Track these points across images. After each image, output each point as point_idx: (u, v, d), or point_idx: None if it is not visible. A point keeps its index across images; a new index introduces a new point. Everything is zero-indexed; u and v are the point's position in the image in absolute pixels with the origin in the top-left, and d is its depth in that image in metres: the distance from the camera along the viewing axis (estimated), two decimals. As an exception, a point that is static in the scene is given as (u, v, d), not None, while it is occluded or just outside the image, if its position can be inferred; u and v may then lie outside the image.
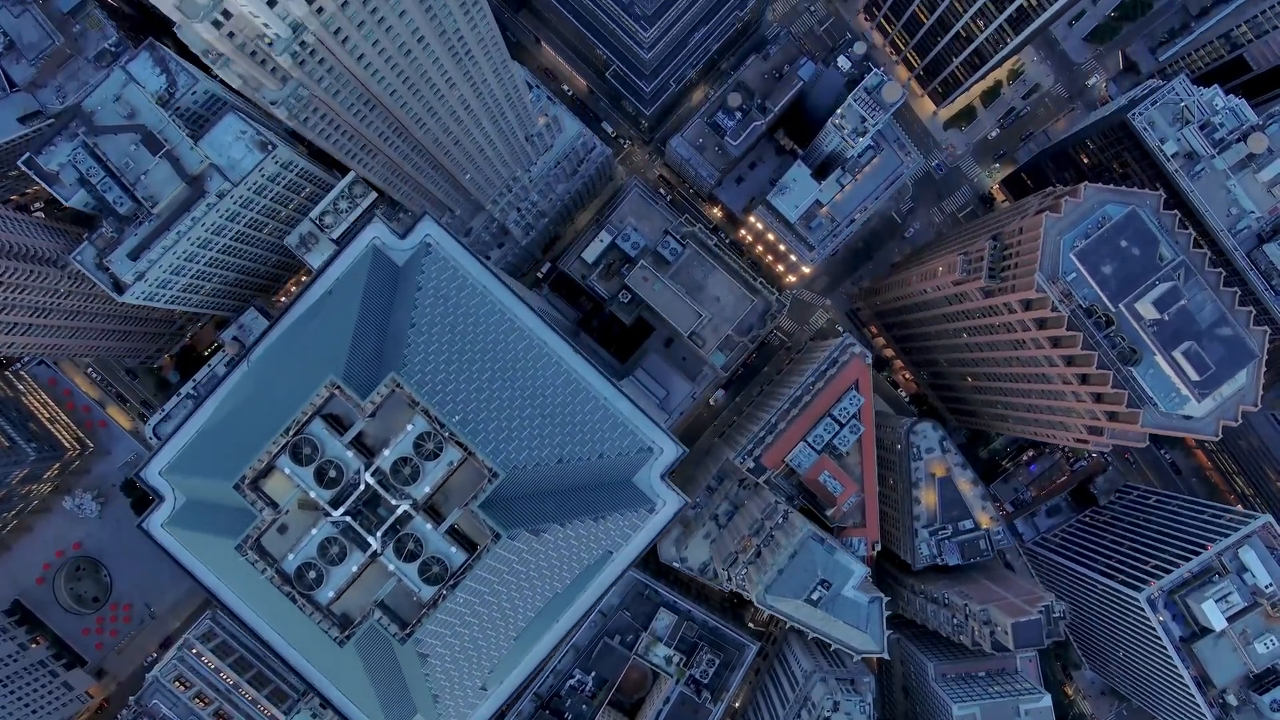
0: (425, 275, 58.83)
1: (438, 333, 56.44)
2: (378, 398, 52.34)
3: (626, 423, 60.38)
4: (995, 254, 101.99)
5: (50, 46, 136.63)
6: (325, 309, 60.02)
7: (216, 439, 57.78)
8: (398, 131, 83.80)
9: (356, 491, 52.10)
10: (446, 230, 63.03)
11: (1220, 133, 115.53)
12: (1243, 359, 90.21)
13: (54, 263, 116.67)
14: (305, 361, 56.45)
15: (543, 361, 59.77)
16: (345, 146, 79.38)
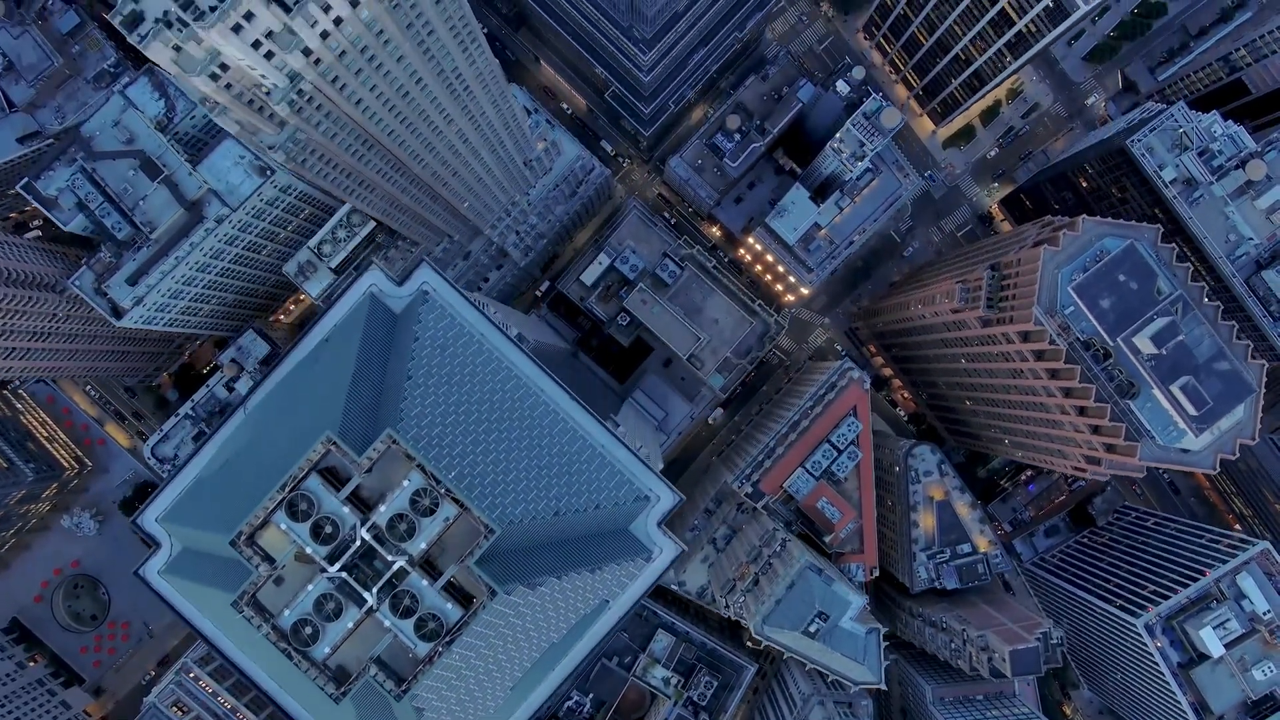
0: (422, 325, 58.85)
1: (434, 384, 56.46)
2: (374, 453, 52.34)
3: (623, 471, 60.37)
4: (993, 284, 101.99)
5: (49, 68, 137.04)
6: (322, 358, 60.02)
7: (213, 489, 57.79)
8: (396, 167, 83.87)
9: (353, 548, 52.11)
10: (444, 277, 63.05)
11: (1219, 159, 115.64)
12: (1241, 393, 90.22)
13: (52, 288, 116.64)
14: (302, 413, 56.48)
15: (540, 410, 59.79)
16: (343, 184, 79.36)
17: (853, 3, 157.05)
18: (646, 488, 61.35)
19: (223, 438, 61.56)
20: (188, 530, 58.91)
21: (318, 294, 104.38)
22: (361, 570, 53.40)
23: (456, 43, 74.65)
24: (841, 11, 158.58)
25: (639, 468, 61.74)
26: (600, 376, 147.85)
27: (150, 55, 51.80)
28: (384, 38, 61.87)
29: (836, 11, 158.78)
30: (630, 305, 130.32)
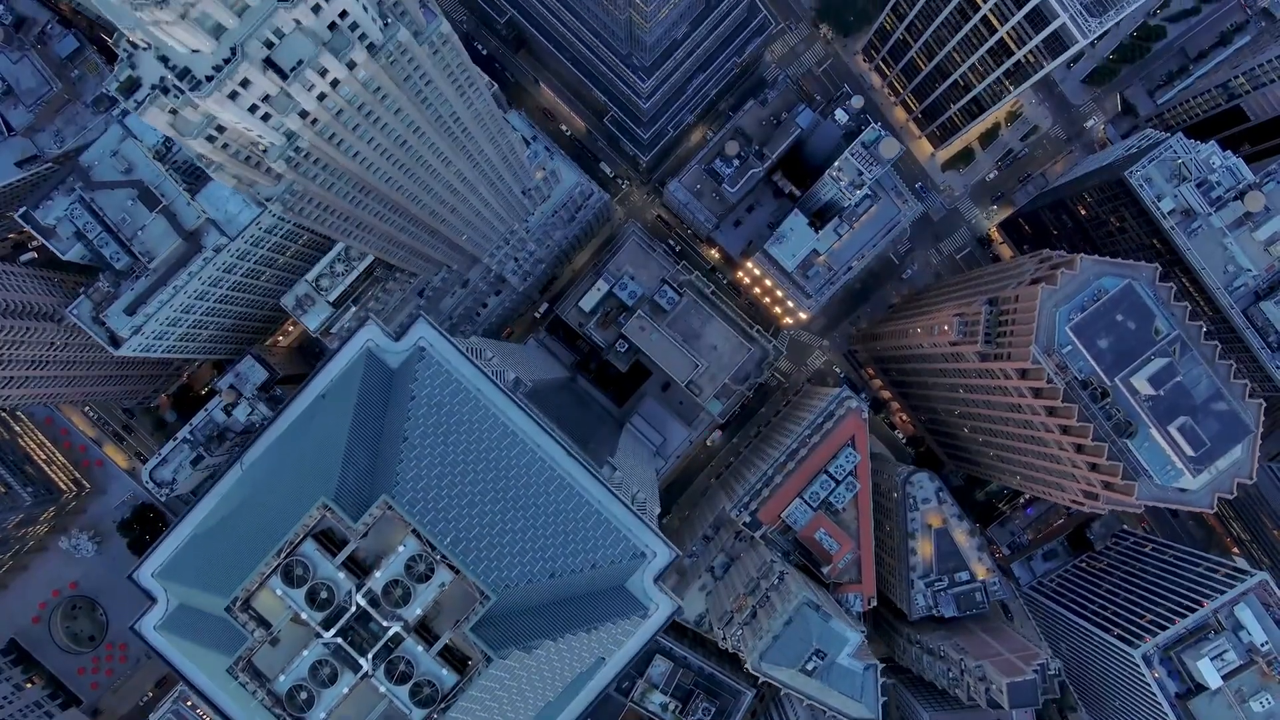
0: (418, 383, 58.84)
1: (430, 445, 56.43)
2: (370, 519, 52.35)
3: (620, 528, 60.33)
4: (991, 319, 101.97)
5: (48, 93, 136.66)
6: (318, 415, 60.00)
7: (209, 547, 57.76)
8: (393, 208, 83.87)
9: (348, 613, 52.11)
10: (440, 332, 63.01)
11: (1217, 191, 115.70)
12: (1238, 434, 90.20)
13: (50, 317, 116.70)
14: (298, 472, 56.46)
15: (536, 468, 59.77)
16: (339, 227, 79.38)
17: (852, 26, 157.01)
18: (643, 544, 61.31)
19: (220, 493, 61.49)
20: (184, 588, 58.89)
21: (316, 327, 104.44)
22: (357, 633, 53.38)
23: (454, 89, 74.73)
24: (841, 34, 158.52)
25: (636, 524, 61.70)
26: (599, 400, 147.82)
27: (147, 120, 51.76)
28: (381, 94, 61.91)
29: (836, 34, 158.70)
30: (629, 332, 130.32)
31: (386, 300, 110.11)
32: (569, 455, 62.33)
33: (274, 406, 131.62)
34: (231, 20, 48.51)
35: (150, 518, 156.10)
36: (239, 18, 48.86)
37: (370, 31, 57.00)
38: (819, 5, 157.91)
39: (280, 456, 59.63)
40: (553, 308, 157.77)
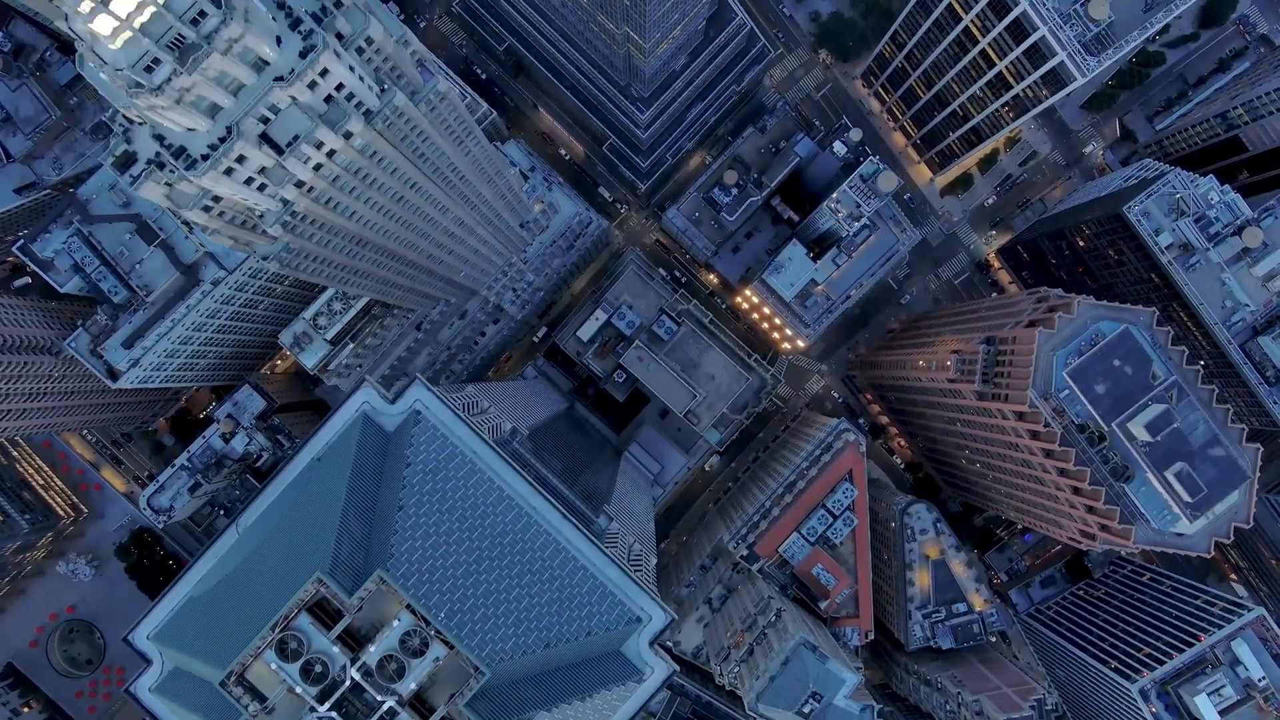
0: (414, 449, 58.84)
1: (425, 514, 56.42)
2: (365, 593, 52.32)
3: (616, 592, 60.28)
4: (989, 359, 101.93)
5: (47, 120, 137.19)
6: (314, 480, 59.96)
7: (204, 614, 57.72)
8: (390, 255, 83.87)
9: (343, 686, 52.08)
10: (436, 393, 62.99)
11: (1216, 226, 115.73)
12: (1235, 480, 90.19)
13: (48, 350, 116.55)
14: (294, 542, 56.41)
15: (532, 533, 59.76)
16: (336, 276, 79.40)
17: (851, 52, 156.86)
18: (638, 608, 61.29)
19: (216, 554, 61.50)
20: (179, 654, 58.87)
21: (313, 365, 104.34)
22: (352, 704, 53.34)
23: (452, 141, 74.73)
24: (840, 60, 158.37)
25: (631, 587, 61.68)
26: (597, 427, 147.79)
27: (142, 194, 51.74)
28: (378, 157, 61.89)
29: (835, 60, 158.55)
30: (627, 363, 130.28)
31: (384, 336, 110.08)
32: (564, 518, 62.29)
33: (272, 436, 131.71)
34: (227, 100, 48.51)
35: (148, 542, 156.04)
36: (234, 97, 48.85)
37: (367, 99, 57.01)
38: (818, 31, 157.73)
39: (276, 521, 59.59)
40: (551, 332, 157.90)
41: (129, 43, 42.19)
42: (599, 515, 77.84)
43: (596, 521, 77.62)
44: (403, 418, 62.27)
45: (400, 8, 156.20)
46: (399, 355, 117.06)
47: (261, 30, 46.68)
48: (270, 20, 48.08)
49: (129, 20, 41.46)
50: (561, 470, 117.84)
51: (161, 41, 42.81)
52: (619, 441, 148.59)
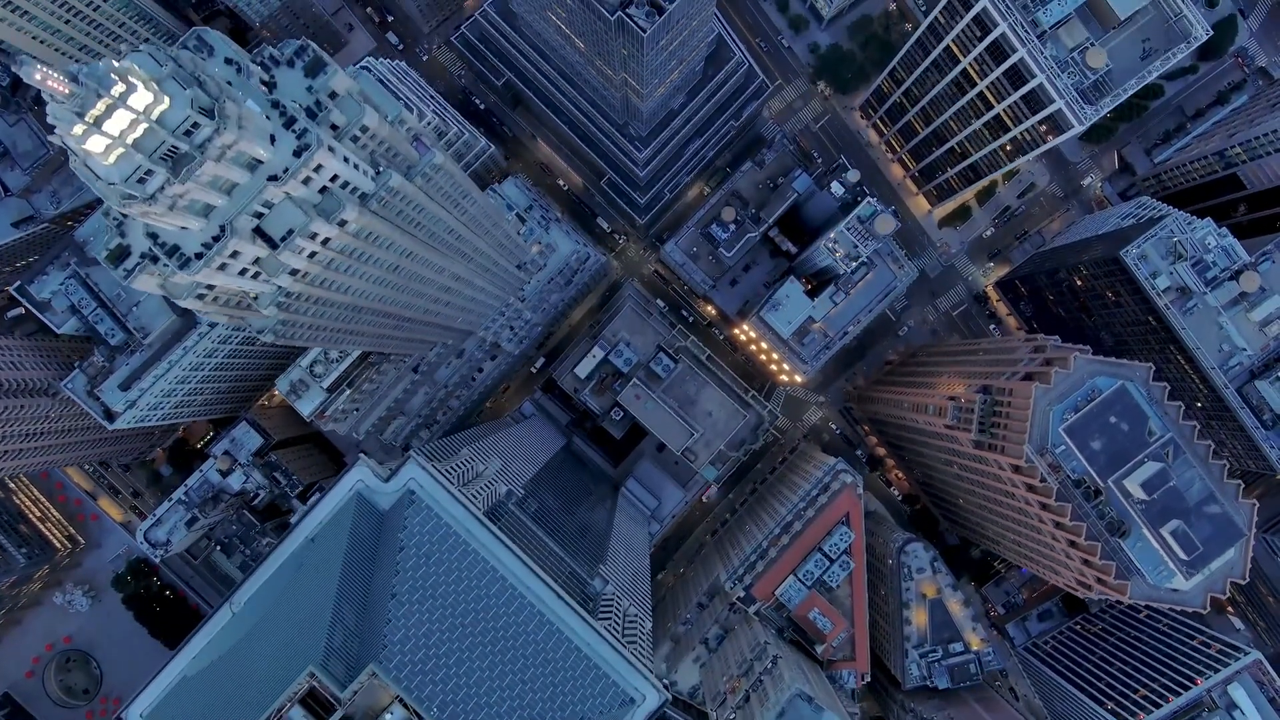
0: (408, 532, 58.78)
1: (419, 600, 56.39)
2: (358, 685, 52.26)
3: (610, 673, 60.22)
4: (985, 408, 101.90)
5: (44, 155, 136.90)
6: (308, 562, 59.92)
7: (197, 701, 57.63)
8: (385, 316, 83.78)
9: (335, 781, 52.09)
10: (429, 472, 62.92)
11: (1213, 271, 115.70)
12: (1232, 537, 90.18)
13: (45, 392, 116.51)
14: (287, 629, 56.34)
15: (525, 614, 59.71)
16: (331, 340, 79.33)
17: (849, 84, 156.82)
18: (632, 689, 61.24)
19: (210, 633, 61.40)
20: (172, 737, 58.86)
21: (309, 412, 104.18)
22: (344, 795, 53.31)
23: (448, 204, 74.68)
24: (839, 91, 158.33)
25: (625, 666, 61.64)
26: (595, 460, 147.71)
27: (136, 286, 51.68)
28: (373, 237, 61.84)
29: (834, 92, 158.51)
30: (624, 401, 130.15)
31: (380, 381, 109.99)
32: (558, 596, 62.21)
33: (268, 474, 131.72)
34: (220, 199, 48.43)
35: (145, 572, 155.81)
36: (228, 195, 48.78)
37: (362, 184, 56.95)
38: (817, 63, 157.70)
39: (270, 604, 59.52)
40: (549, 363, 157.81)
41: (122, 158, 42.13)
42: (594, 577, 77.73)
43: (591, 584, 77.53)
44: (397, 496, 62.23)
45: (399, 38, 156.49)
46: (396, 396, 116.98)
47: (255, 133, 46.62)
48: (264, 120, 48.01)
49: (121, 137, 41.44)
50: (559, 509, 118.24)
51: (154, 155, 42.74)
52: (617, 475, 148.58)
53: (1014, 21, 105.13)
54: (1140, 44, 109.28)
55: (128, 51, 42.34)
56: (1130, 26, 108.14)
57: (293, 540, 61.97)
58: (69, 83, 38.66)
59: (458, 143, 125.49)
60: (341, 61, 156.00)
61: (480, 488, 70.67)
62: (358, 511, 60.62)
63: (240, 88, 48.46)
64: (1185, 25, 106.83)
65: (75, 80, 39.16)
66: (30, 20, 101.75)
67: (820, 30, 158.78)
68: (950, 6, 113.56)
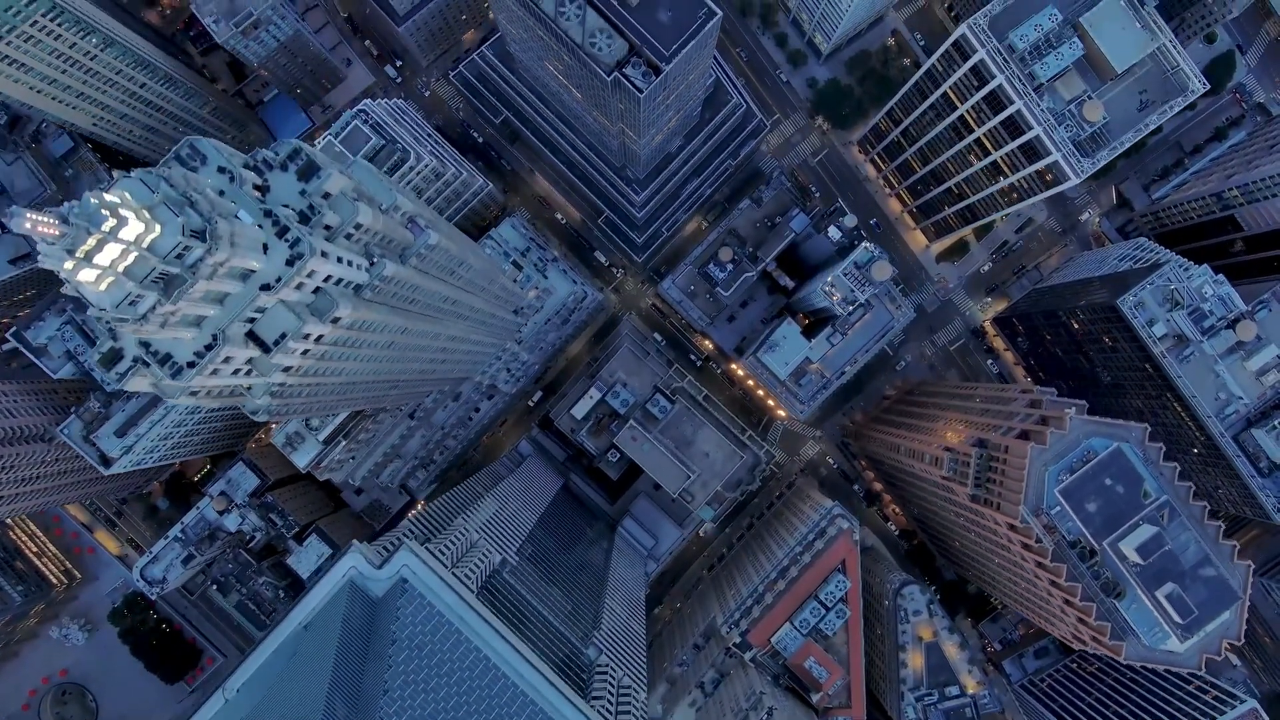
0: (400, 624, 58.76)
1: (411, 695, 56.34)
2: (349, 787, 52.24)
3: (602, 760, 60.39)
4: (981, 463, 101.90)
5: (42, 194, 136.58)
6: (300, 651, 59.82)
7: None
8: (381, 382, 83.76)
9: None
10: (422, 559, 62.88)
11: (1210, 320, 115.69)
12: (1227, 600, 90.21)
13: (41, 438, 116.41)
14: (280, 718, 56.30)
15: (517, 705, 59.66)
16: (326, 409, 79.28)
17: (847, 120, 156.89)
18: (624, 775, 61.30)
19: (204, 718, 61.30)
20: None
21: (305, 464, 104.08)
22: None
23: (444, 274, 74.66)
24: (837, 127, 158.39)
25: (617, 753, 61.67)
26: (592, 498, 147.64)
27: (130, 388, 51.64)
28: (367, 325, 61.79)
29: (831, 127, 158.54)
30: (621, 443, 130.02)
31: (376, 430, 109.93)
32: (550, 684, 62.16)
33: (264, 515, 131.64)
34: (212, 309, 48.42)
35: (142, 606, 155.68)
36: (220, 305, 48.77)
37: (355, 278, 56.93)
38: (815, 98, 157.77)
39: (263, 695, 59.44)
40: (546, 397, 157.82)
41: (113, 286, 42.11)
42: (588, 646, 77.69)
43: (585, 653, 77.50)
44: (390, 584, 62.20)
45: (398, 71, 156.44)
46: (392, 442, 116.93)
47: (248, 246, 46.62)
48: (257, 230, 47.99)
49: (112, 267, 41.42)
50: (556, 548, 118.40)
51: (145, 280, 42.72)
52: (614, 512, 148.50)
53: (1011, 74, 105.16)
54: (1138, 95, 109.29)
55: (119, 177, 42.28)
56: (1128, 78, 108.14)
57: (286, 626, 61.94)
58: (59, 224, 38.62)
59: (455, 182, 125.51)
60: (340, 96, 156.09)
61: (474, 563, 70.62)
62: (350, 599, 60.60)
63: (233, 196, 48.43)
64: (1182, 78, 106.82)
65: (65, 221, 39.16)
66: (27, 72, 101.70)
67: (818, 65, 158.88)
68: (948, 55, 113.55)
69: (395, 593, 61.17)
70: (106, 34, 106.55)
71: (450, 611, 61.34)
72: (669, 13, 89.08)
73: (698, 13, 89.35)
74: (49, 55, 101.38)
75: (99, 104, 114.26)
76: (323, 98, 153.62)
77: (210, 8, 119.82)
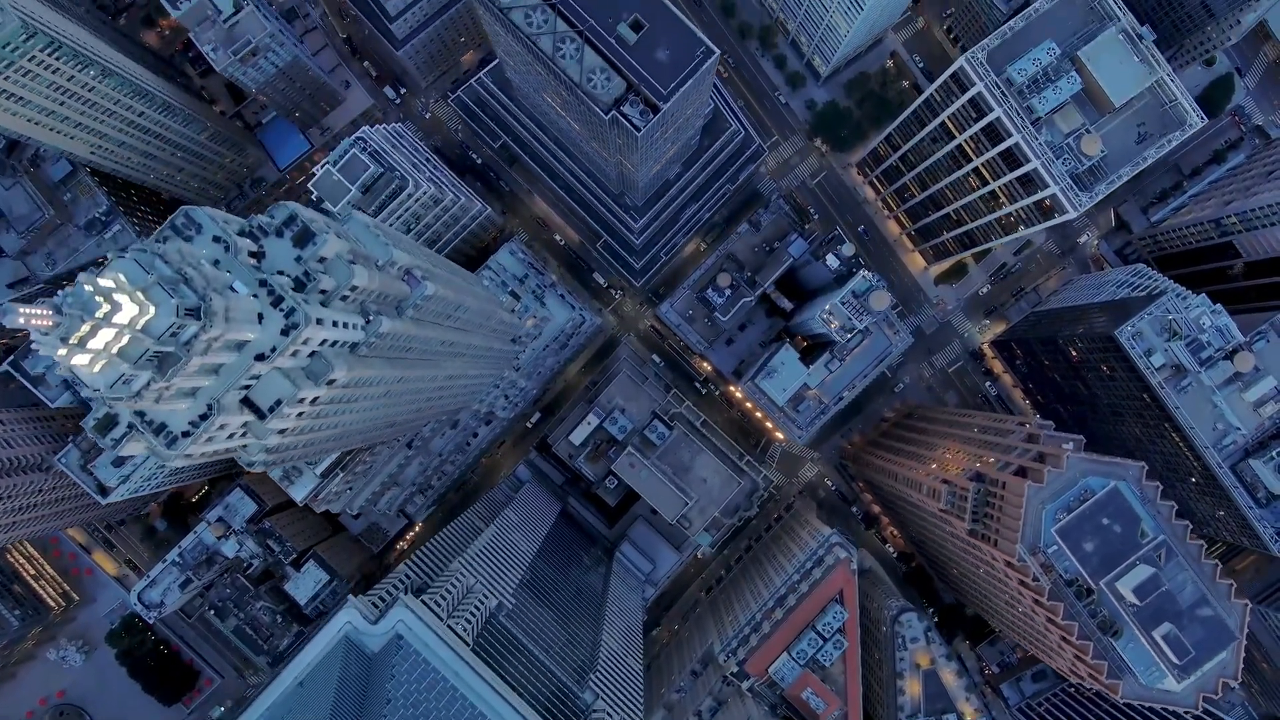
0: (395, 682, 58.74)
1: (406, 756, 56.47)
2: None
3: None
4: (979, 498, 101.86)
5: (40, 219, 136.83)
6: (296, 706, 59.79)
7: None
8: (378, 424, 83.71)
9: None
10: (416, 614, 62.85)
11: (1208, 351, 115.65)
12: (1223, 640, 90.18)
13: (39, 467, 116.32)
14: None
15: (512, 763, 59.80)
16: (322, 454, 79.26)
17: (845, 142, 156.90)
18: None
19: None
20: None
21: (302, 497, 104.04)
22: None
23: (441, 319, 74.59)
24: (835, 149, 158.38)
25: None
26: (589, 521, 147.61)
27: (125, 452, 51.59)
28: (363, 382, 61.78)
29: (830, 148, 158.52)
30: (619, 469, 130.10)
31: (374, 461, 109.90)
32: (547, 740, 62.26)
33: (262, 541, 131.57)
34: (207, 380, 48.38)
35: (140, 628, 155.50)
36: (215, 374, 48.74)
37: (351, 337, 56.90)
38: (814, 120, 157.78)
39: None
40: (545, 418, 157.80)
41: (106, 367, 42.10)
42: (584, 690, 77.69)
43: (581, 696, 77.49)
44: (386, 639, 62.14)
45: (396, 92, 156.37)
46: (390, 471, 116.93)
47: (243, 319, 46.61)
48: (251, 300, 47.98)
49: (106, 349, 41.39)
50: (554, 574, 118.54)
51: (139, 361, 42.70)
52: (612, 535, 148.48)
53: (1009, 108, 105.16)
54: (1136, 128, 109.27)
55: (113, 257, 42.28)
56: (1126, 111, 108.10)
57: (281, 683, 61.92)
58: (52, 315, 38.64)
59: (454, 207, 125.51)
60: (339, 118, 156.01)
61: (471, 610, 70.62)
62: (346, 655, 60.59)
63: (228, 265, 48.42)
64: (1180, 111, 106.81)
65: (59, 311, 39.16)
66: (24, 105, 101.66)
67: (817, 87, 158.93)
68: (946, 87, 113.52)
69: (391, 649, 61.17)
70: (104, 65, 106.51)
71: (445, 668, 61.32)
72: (666, 51, 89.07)
73: (695, 51, 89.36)
74: (47, 88, 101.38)
75: (97, 133, 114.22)
76: (321, 120, 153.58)
77: (209, 36, 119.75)
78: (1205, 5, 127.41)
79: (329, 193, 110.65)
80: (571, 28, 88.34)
